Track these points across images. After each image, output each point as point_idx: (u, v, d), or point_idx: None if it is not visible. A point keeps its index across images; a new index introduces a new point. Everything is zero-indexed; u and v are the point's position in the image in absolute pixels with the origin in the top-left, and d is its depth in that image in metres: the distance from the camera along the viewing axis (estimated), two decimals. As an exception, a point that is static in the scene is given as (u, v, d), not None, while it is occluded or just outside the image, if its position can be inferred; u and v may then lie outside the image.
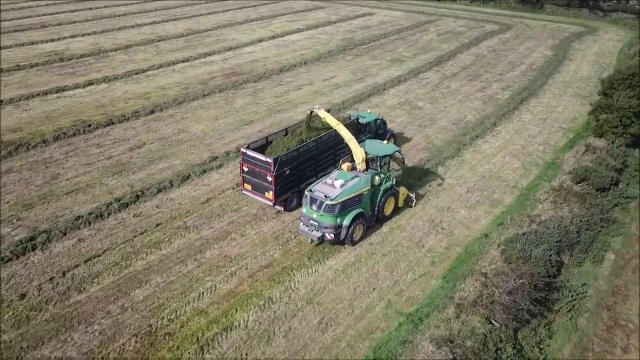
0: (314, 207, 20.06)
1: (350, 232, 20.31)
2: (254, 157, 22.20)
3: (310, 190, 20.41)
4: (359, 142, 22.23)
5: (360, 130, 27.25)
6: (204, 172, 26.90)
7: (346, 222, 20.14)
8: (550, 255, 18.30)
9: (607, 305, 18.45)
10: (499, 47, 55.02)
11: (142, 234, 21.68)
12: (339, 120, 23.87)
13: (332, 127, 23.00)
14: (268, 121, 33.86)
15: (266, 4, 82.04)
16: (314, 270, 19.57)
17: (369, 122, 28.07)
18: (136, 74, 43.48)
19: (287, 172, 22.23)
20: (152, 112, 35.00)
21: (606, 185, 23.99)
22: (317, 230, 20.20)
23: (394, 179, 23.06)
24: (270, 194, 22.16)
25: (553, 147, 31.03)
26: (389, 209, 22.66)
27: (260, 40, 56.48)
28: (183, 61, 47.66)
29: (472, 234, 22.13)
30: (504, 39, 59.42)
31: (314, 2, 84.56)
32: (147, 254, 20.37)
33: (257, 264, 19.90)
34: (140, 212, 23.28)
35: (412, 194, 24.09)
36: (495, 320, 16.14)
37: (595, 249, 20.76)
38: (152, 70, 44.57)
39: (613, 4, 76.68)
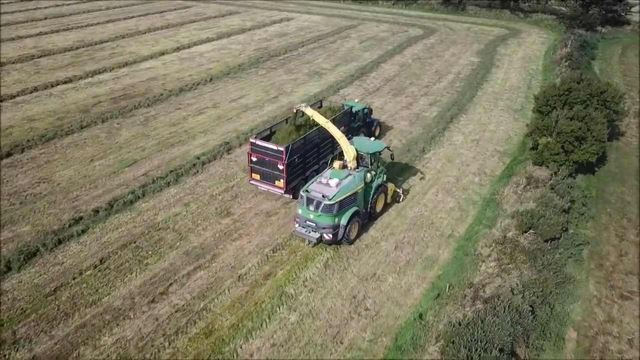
0: (311, 208, 19.71)
1: (347, 231, 20.21)
2: (264, 146, 22.61)
3: (306, 191, 20.00)
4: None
5: (353, 119, 28.43)
6: (60, 242, 20.59)
7: (344, 221, 20.02)
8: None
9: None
10: (424, 55, 51.48)
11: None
12: (331, 110, 26.82)
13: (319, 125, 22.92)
14: (156, 160, 27.82)
15: (175, 9, 74.96)
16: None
17: (358, 111, 28.89)
18: (1, 101, 35.89)
19: (296, 160, 22.86)
20: (9, 154, 28.02)
21: (556, 234, 20.05)
22: (315, 231, 19.97)
23: (385, 176, 22.97)
24: (281, 182, 22.67)
25: (490, 177, 27.13)
26: (379, 205, 22.81)
27: (162, 53, 49.86)
28: (65, 82, 40.40)
29: (403, 313, 17.41)
30: (429, 44, 56.11)
31: (229, 7, 78.37)
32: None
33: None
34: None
35: (399, 189, 24.15)
36: None
37: (553, 328, 16.61)
38: (22, 96, 37.09)
39: (532, 4, 75.89)
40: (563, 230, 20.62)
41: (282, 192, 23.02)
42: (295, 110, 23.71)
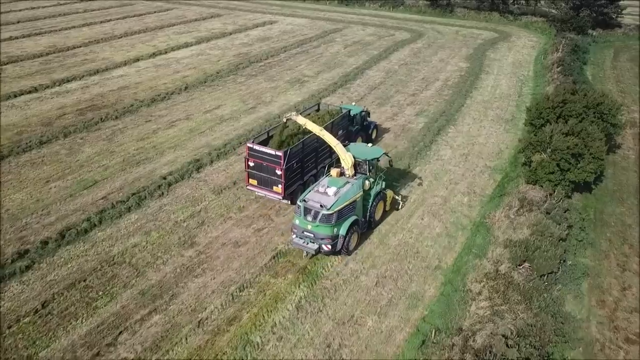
0: (309, 218, 19.04)
1: (346, 241, 19.59)
2: (261, 151, 22.01)
3: (304, 200, 19.31)
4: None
5: (351, 122, 27.99)
6: (-1, 282, 18.31)
7: (342, 231, 19.41)
8: None
9: None
10: (410, 60, 49.51)
11: None
12: (329, 113, 26.79)
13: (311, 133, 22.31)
14: (119, 180, 25.55)
15: (155, 12, 72.44)
16: None
17: (356, 114, 28.42)
18: (-43, 113, 33.44)
19: (295, 165, 22.36)
20: (-43, 175, 25.66)
21: (553, 269, 18.09)
22: (313, 242, 19.28)
23: (383, 183, 22.30)
24: (279, 188, 22.12)
25: (480, 196, 25.17)
26: (378, 213, 22.15)
27: (137, 59, 47.46)
28: (29, 92, 37.92)
29: (383, 366, 15.36)
30: (416, 49, 54.17)
31: (211, 9, 75.97)
32: None
33: None
34: None
35: (398, 196, 23.53)
36: None
37: (553, 383, 14.65)
38: (-19, 108, 34.63)
39: (522, 6, 74.18)
40: (561, 262, 18.65)
41: (280, 197, 22.51)
42: (285, 120, 22.55)
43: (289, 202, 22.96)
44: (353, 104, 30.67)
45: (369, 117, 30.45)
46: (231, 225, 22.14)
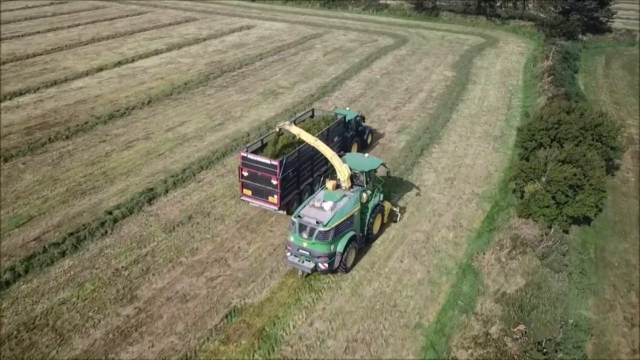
0: (304, 235, 18.05)
1: (344, 259, 18.59)
2: (256, 160, 21.37)
3: (299, 216, 18.35)
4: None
5: (346, 127, 27.27)
6: None
7: (340, 248, 18.42)
8: None
9: None
10: (393, 69, 46.72)
11: None
12: (324, 120, 25.95)
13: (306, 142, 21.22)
14: (58, 216, 22.39)
15: (128, 16, 69.02)
16: None
17: (351, 120, 27.67)
18: None
19: (290, 174, 21.70)
20: None
21: (553, 334, 15.32)
22: (309, 261, 18.28)
23: (381, 195, 21.45)
24: (274, 198, 21.52)
25: (467, 230, 22.38)
26: (377, 226, 21.23)
27: (100, 69, 44.17)
28: (-25, 107, 34.57)
29: None
30: (399, 56, 51.40)
31: (187, 13, 72.71)
32: None
33: None
34: None
35: (396, 208, 22.70)
36: None
37: None
38: None
39: (509, 10, 71.74)
40: (562, 325, 15.88)
41: (276, 208, 21.76)
42: (278, 129, 21.50)
43: (285, 213, 22.16)
44: (347, 108, 30.02)
45: (364, 121, 29.64)
46: (180, 273, 19.11)
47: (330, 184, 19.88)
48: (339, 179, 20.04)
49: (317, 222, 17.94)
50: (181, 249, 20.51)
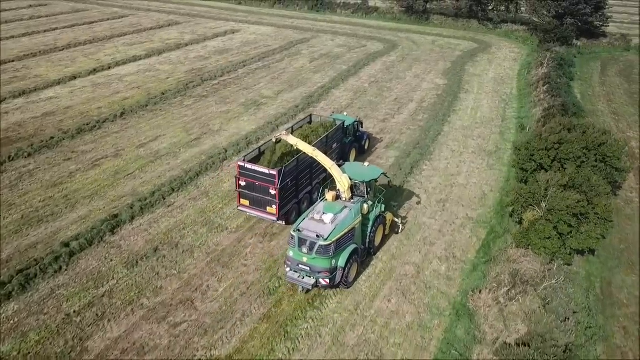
0: (304, 250, 17.42)
1: (345, 273, 17.90)
2: (253, 170, 20.81)
3: (298, 230, 17.71)
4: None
5: (345, 133, 26.73)
6: None
7: (341, 262, 17.78)
8: None
9: None
10: (382, 77, 44.74)
11: None
12: (323, 126, 25.22)
13: (304, 152, 20.49)
14: (8, 249, 20.17)
15: (108, 19, 66.59)
16: None
17: (349, 125, 27.10)
18: None
19: (289, 183, 21.20)
20: None
21: (562, 398, 13.37)
22: (310, 276, 17.64)
23: (383, 206, 20.65)
24: (273, 209, 20.96)
25: (461, 262, 20.41)
26: (378, 238, 20.58)
27: (74, 77, 41.84)
28: None
29: None
30: (389, 63, 49.45)
31: (171, 16, 70.37)
32: None
33: None
34: None
35: (398, 219, 22.01)
36: None
37: None
38: None
39: (502, 14, 69.91)
40: (570, 385, 13.94)
41: (275, 219, 21.15)
42: (275, 140, 21.16)
43: (284, 223, 21.67)
44: (344, 113, 29.20)
45: (362, 127, 29.11)
46: (140, 318, 16.96)
47: (330, 195, 19.22)
48: (338, 190, 19.40)
49: (317, 235, 17.32)
50: (143, 288, 18.35)
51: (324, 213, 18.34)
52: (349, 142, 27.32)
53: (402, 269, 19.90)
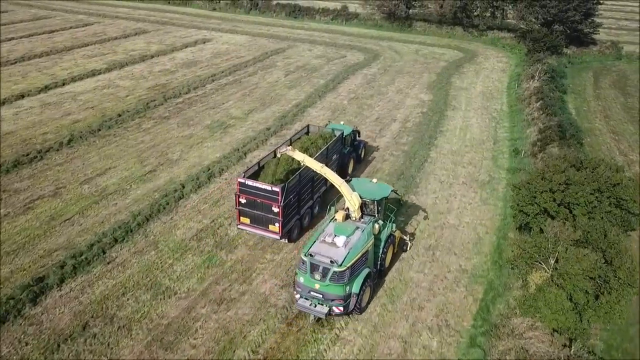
0: (317, 276, 16.29)
1: (359, 299, 16.73)
2: (255, 186, 19.81)
3: (310, 255, 16.40)
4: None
5: (344, 143, 26.04)
6: None
7: (355, 289, 16.67)
8: None
9: None
10: (363, 92, 41.36)
11: None
12: (322, 137, 24.34)
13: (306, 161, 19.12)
14: None
15: (71, 27, 62.35)
16: None
17: (347, 135, 26.34)
18: None
19: (292, 199, 20.23)
20: None
21: None
22: (322, 304, 16.41)
23: (393, 225, 19.60)
24: (276, 227, 19.93)
25: (455, 334, 16.99)
26: (389, 258, 19.52)
27: (22, 95, 37.76)
28: None
29: None
30: (370, 75, 46.09)
31: (139, 24, 66.31)
32: None
33: None
34: None
35: (405, 236, 21.10)
36: None
37: None
38: None
39: (487, 20, 66.99)
40: None
41: (278, 237, 20.23)
42: (278, 156, 21.01)
43: (286, 241, 20.83)
44: (341, 122, 28.79)
45: (359, 135, 28.47)
46: None
47: (339, 214, 18.28)
48: (347, 208, 18.56)
49: (331, 261, 16.27)
50: (61, 386, 14.61)
51: (335, 235, 17.33)
52: (347, 152, 26.65)
53: (385, 346, 16.42)
